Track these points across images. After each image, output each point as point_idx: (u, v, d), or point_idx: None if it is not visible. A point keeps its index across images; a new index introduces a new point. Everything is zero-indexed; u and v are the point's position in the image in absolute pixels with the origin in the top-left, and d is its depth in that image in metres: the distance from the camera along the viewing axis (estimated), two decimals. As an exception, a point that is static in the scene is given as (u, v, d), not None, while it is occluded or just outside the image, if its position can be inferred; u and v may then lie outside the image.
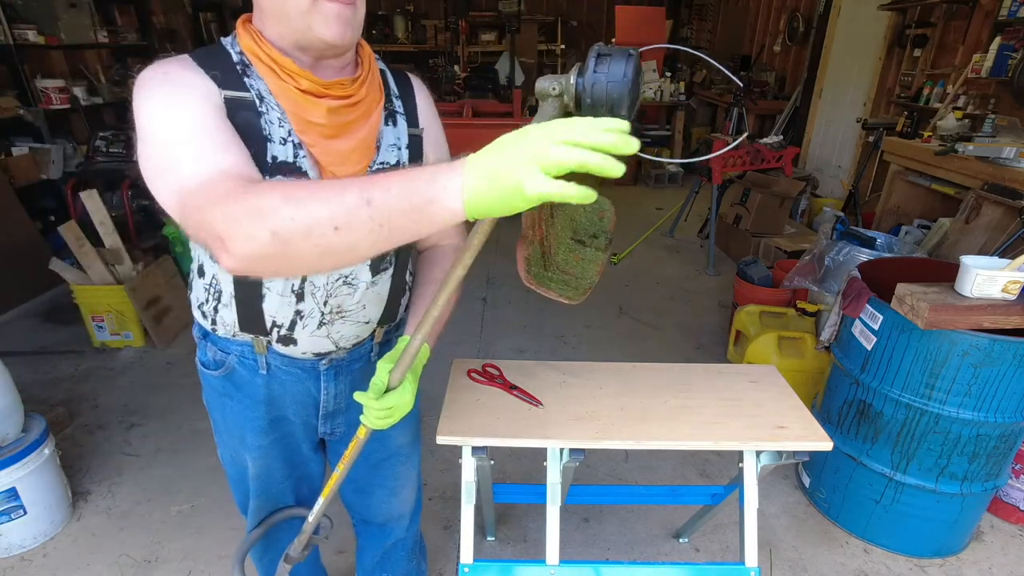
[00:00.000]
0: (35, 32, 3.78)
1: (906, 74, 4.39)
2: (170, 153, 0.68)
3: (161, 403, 2.53)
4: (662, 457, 2.25)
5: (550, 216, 0.93)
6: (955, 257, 2.13)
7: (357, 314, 0.98)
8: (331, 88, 0.82)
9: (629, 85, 0.70)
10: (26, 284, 3.36)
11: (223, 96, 0.75)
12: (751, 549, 1.23)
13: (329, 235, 0.57)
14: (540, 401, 1.25)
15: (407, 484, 1.29)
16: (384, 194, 0.57)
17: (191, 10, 6.22)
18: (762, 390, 1.32)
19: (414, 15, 9.30)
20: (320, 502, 1.06)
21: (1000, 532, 1.97)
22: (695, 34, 8.87)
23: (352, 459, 0.97)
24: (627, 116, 0.71)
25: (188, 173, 0.66)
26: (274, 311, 0.92)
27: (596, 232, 1.00)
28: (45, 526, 1.85)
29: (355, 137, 0.86)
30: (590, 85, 0.70)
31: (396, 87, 0.96)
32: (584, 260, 0.97)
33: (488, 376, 1.33)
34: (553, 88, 0.73)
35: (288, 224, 0.57)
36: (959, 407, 1.62)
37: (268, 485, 1.15)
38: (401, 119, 0.95)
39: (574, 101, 0.73)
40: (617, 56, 0.71)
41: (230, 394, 1.05)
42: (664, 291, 3.79)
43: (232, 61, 0.80)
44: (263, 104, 0.80)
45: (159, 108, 0.70)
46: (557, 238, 0.95)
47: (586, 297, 0.92)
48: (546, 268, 0.90)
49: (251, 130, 0.76)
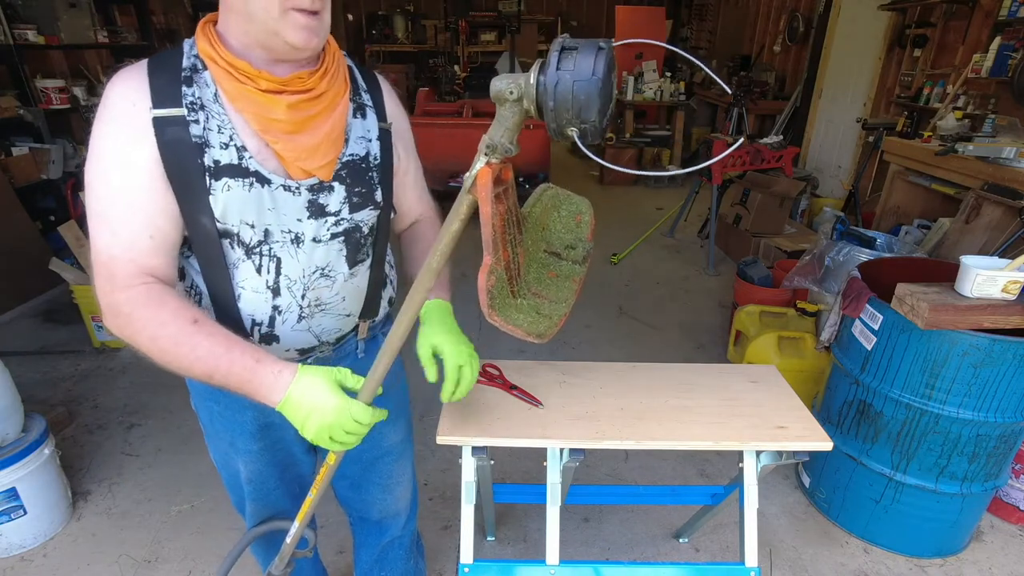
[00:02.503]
0: (35, 32, 3.78)
1: (906, 74, 4.39)
2: (92, 218, 0.81)
3: (161, 403, 2.53)
4: (662, 457, 2.25)
5: (517, 231, 0.79)
6: (955, 257, 2.13)
7: (337, 306, 0.98)
8: (290, 83, 0.83)
9: (599, 84, 0.60)
10: (26, 284, 3.36)
11: (152, 117, 0.79)
12: (751, 549, 1.23)
13: (171, 366, 0.83)
14: (540, 401, 1.25)
15: (401, 481, 1.30)
16: (224, 380, 0.81)
17: (191, 10, 6.22)
18: (762, 390, 1.32)
19: (414, 15, 9.31)
20: (296, 525, 1.04)
21: (1000, 532, 1.97)
22: (695, 34, 8.87)
23: (324, 485, 0.96)
24: (598, 122, 0.63)
25: (98, 247, 0.81)
26: (251, 309, 0.92)
27: (573, 242, 0.86)
28: (45, 526, 1.85)
29: (320, 131, 0.86)
30: (552, 85, 0.60)
31: (364, 82, 0.97)
32: (560, 277, 0.84)
33: (488, 376, 1.33)
34: (511, 91, 0.64)
35: (141, 346, 0.81)
36: (959, 407, 1.62)
37: (263, 490, 1.15)
38: (371, 112, 0.96)
39: (535, 105, 0.64)
40: (585, 50, 0.60)
41: (217, 399, 1.04)
42: (664, 291, 3.79)
43: (179, 68, 0.82)
44: (202, 112, 0.81)
45: (95, 164, 0.81)
46: (528, 253, 0.82)
47: (557, 331, 0.78)
48: (514, 295, 0.77)
49: (180, 143, 0.80)
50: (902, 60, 4.46)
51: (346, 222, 0.93)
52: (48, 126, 3.86)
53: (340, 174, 0.90)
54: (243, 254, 0.89)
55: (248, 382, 0.81)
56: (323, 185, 0.89)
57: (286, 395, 0.81)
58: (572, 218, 0.86)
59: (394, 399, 1.15)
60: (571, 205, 0.87)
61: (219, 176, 0.82)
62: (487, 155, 0.69)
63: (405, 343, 0.88)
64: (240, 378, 0.81)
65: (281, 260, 0.90)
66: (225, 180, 0.82)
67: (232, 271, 0.89)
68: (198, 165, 0.81)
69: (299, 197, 0.88)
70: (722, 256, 4.31)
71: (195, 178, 0.81)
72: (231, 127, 0.83)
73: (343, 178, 0.91)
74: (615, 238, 4.61)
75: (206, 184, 0.82)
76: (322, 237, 0.91)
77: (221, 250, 0.87)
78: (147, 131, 0.79)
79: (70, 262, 2.86)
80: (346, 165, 0.91)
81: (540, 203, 0.86)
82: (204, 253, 0.87)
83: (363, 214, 0.95)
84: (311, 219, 0.89)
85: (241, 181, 0.83)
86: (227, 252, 0.88)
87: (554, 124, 0.65)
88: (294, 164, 0.86)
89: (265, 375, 0.81)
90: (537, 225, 0.85)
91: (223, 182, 0.82)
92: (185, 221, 0.84)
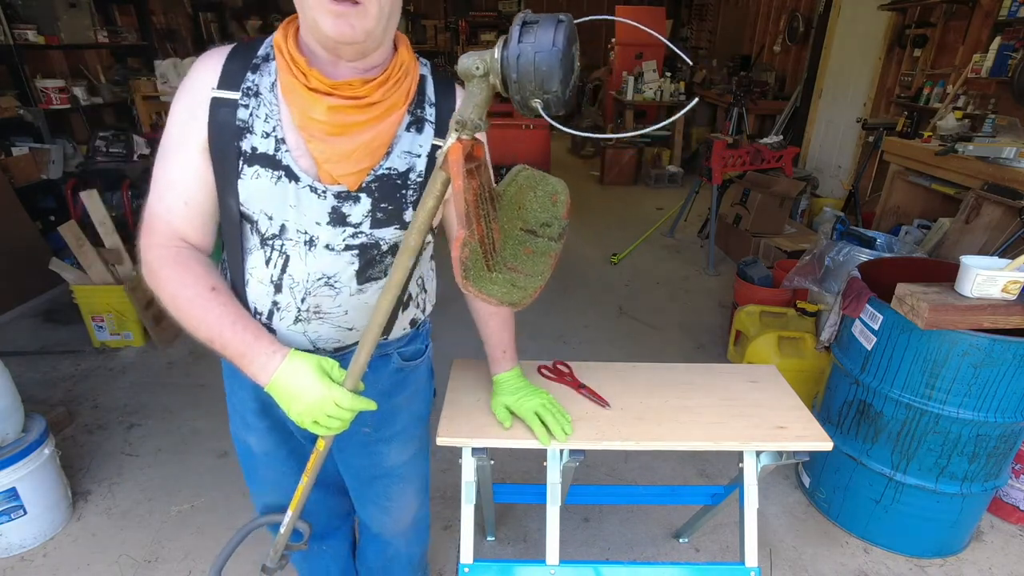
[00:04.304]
0: (35, 32, 3.78)
1: (906, 74, 4.38)
2: (155, 175, 0.89)
3: (161, 403, 2.53)
4: (662, 457, 2.25)
5: (491, 208, 0.81)
6: (955, 257, 2.13)
7: (338, 318, 0.96)
8: (339, 87, 0.82)
9: (560, 55, 0.62)
10: (26, 284, 3.36)
11: (211, 96, 0.85)
12: (751, 549, 1.23)
13: (183, 323, 0.86)
14: (608, 402, 1.25)
15: (402, 504, 1.24)
16: (222, 348, 0.85)
17: (191, 10, 6.23)
18: (762, 390, 1.32)
19: (414, 15, 9.31)
20: (289, 515, 1.03)
21: (1000, 532, 1.97)
22: (695, 34, 8.87)
23: (315, 471, 0.96)
24: (560, 92, 0.65)
25: (149, 203, 0.89)
26: (255, 297, 0.94)
27: (549, 220, 0.87)
28: (45, 526, 1.85)
29: (357, 139, 0.85)
30: (515, 58, 0.62)
31: (435, 95, 0.94)
32: (536, 253, 0.85)
33: (557, 373, 1.33)
34: (477, 67, 0.66)
35: (163, 300, 0.86)
36: (959, 407, 1.62)
37: (275, 469, 1.14)
38: (429, 127, 0.93)
39: (500, 79, 0.66)
40: (545, 23, 0.63)
41: (230, 373, 1.08)
42: (664, 291, 3.79)
43: (254, 56, 0.87)
44: (255, 99, 0.85)
45: (168, 126, 0.88)
46: (503, 230, 0.84)
47: (532, 300, 0.80)
48: (489, 268, 0.78)
49: (225, 125, 0.85)
50: (902, 60, 4.46)
51: (364, 236, 0.91)
52: (48, 126, 3.86)
53: (370, 186, 0.88)
54: (258, 243, 0.91)
55: (243, 356, 0.84)
56: (350, 194, 0.88)
57: (273, 377, 0.83)
58: (548, 198, 0.88)
59: (403, 420, 1.14)
60: (547, 186, 0.88)
61: (252, 163, 0.85)
62: (457, 131, 0.70)
63: None
64: (236, 351, 0.84)
65: (289, 258, 0.90)
66: (256, 168, 0.85)
67: (246, 256, 0.92)
68: (235, 148, 0.84)
69: (324, 201, 0.87)
70: (722, 256, 4.31)
71: (230, 159, 0.85)
72: (278, 117, 0.85)
73: (371, 191, 0.89)
74: (615, 238, 4.61)
75: (238, 167, 0.85)
76: (336, 246, 0.90)
77: (240, 234, 0.91)
78: (204, 109, 0.85)
79: (70, 262, 2.86)
80: (379, 178, 0.89)
81: (515, 183, 0.87)
82: (227, 232, 0.92)
83: (386, 231, 0.92)
84: (329, 225, 0.88)
85: (271, 172, 0.85)
86: (246, 237, 0.91)
87: (519, 96, 0.67)
88: (324, 167, 0.85)
89: (258, 354, 0.84)
90: (513, 204, 0.87)
91: (254, 169, 0.85)
92: (218, 198, 0.89)
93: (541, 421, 1.14)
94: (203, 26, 6.46)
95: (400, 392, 1.11)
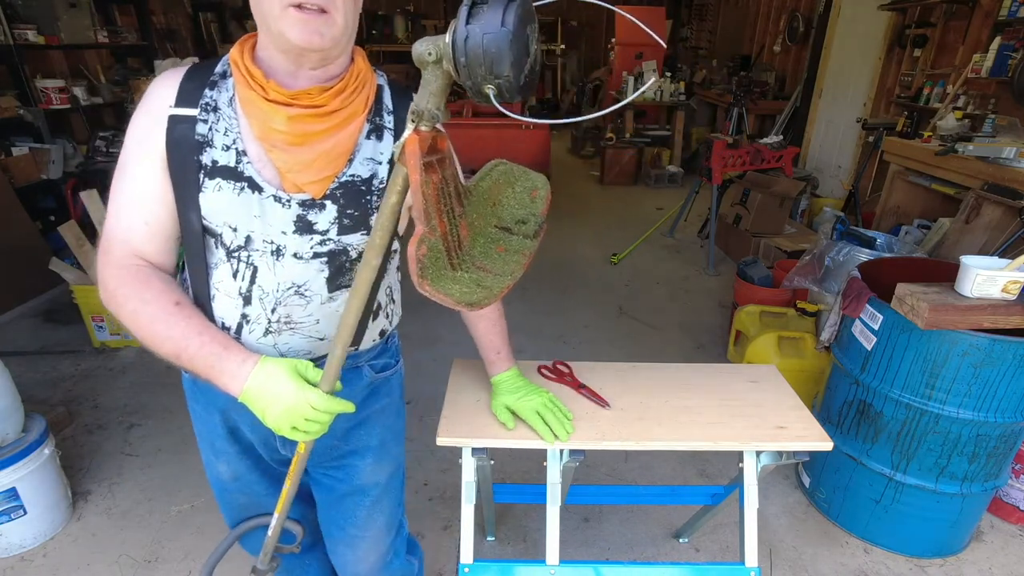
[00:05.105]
0: (35, 32, 3.78)
1: (906, 74, 4.39)
2: (112, 195, 0.88)
3: (161, 403, 2.53)
4: (662, 457, 2.25)
5: (456, 203, 0.75)
6: (955, 257, 2.13)
7: (309, 328, 0.95)
8: (298, 97, 0.82)
9: (509, 37, 0.58)
10: (26, 284, 3.36)
11: (168, 115, 0.85)
12: (751, 549, 1.23)
13: (145, 341, 0.85)
14: (608, 402, 1.25)
15: (369, 536, 1.16)
16: (189, 362, 0.83)
17: (191, 10, 6.23)
18: (762, 390, 1.32)
19: (414, 15, 9.31)
20: (275, 518, 1.03)
21: (1000, 532, 1.97)
22: (695, 34, 8.88)
23: (297, 475, 0.95)
24: (512, 76, 0.62)
25: (106, 224, 0.88)
26: (222, 312, 0.92)
27: (525, 216, 0.82)
28: (45, 526, 1.85)
29: (318, 147, 0.85)
30: (462, 41, 0.59)
31: (392, 103, 0.94)
32: (509, 251, 0.79)
33: (557, 373, 1.34)
34: (429, 53, 0.64)
35: (123, 319, 0.85)
36: (959, 407, 1.62)
37: (249, 490, 1.12)
38: (388, 134, 0.93)
39: (452, 65, 0.63)
40: (495, 3, 0.59)
41: (197, 398, 1.05)
42: (664, 291, 3.79)
43: (211, 74, 0.87)
44: (213, 114, 0.85)
45: (125, 146, 0.87)
46: (474, 227, 0.78)
47: (495, 301, 0.75)
48: (453, 267, 0.73)
49: (184, 140, 0.85)
50: (902, 60, 4.46)
51: (332, 243, 0.91)
52: (48, 126, 3.87)
53: (335, 193, 0.88)
54: (224, 256, 0.89)
55: (212, 367, 0.82)
56: (314, 202, 0.88)
57: (246, 385, 0.82)
58: (527, 193, 0.83)
59: (379, 434, 1.11)
60: (527, 181, 0.84)
61: (213, 175, 0.84)
62: (414, 122, 0.68)
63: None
64: (205, 363, 0.82)
65: (258, 269, 0.89)
66: (218, 180, 0.84)
67: (211, 271, 0.90)
68: (195, 162, 0.84)
69: (288, 210, 0.87)
70: (722, 256, 4.31)
71: (190, 173, 0.84)
72: (237, 130, 0.85)
73: (336, 198, 0.89)
74: (615, 238, 4.61)
75: (199, 181, 0.84)
76: (304, 254, 0.90)
77: (204, 248, 0.89)
78: (162, 126, 0.85)
79: (70, 262, 2.86)
80: (343, 185, 0.89)
81: (489, 177, 0.82)
82: (189, 248, 0.90)
83: (353, 238, 0.92)
84: (296, 234, 0.88)
85: (233, 184, 0.84)
86: (209, 251, 0.90)
87: (470, 82, 0.64)
88: (287, 176, 0.85)
89: (228, 363, 0.82)
90: (486, 200, 0.81)
91: (215, 182, 0.84)
92: (178, 215, 0.88)
93: (543, 420, 1.15)
94: (203, 26, 6.46)
95: (374, 403, 1.09)
